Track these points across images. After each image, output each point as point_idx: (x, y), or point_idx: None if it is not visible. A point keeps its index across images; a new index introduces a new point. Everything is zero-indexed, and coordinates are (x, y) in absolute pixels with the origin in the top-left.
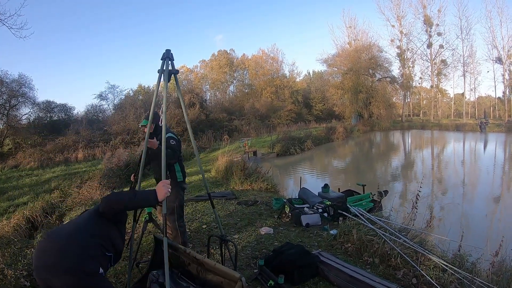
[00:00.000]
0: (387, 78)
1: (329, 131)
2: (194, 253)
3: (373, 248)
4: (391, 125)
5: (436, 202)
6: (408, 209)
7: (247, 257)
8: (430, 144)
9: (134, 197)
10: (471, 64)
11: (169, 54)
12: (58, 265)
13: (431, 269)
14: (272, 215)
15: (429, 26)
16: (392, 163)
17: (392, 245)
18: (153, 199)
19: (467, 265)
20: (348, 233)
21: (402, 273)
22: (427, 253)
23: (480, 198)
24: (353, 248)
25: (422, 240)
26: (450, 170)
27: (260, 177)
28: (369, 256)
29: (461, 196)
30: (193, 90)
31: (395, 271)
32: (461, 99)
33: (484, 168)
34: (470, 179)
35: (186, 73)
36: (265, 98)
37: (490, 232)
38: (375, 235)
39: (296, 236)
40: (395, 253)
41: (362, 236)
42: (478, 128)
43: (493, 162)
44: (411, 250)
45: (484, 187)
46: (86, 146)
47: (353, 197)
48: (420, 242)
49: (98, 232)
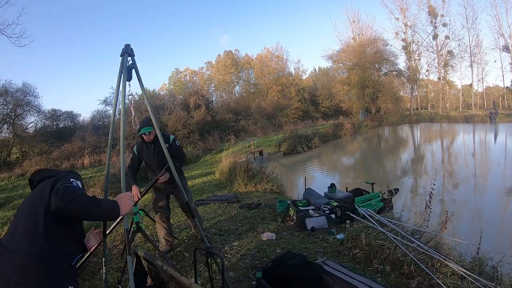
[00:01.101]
0: (393, 72)
1: (337, 127)
2: (171, 270)
3: (384, 254)
4: (399, 119)
5: (448, 198)
6: (420, 207)
7: (246, 267)
8: (440, 137)
9: (98, 204)
10: (478, 54)
11: (128, 49)
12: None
13: (449, 277)
14: (276, 219)
15: (434, 17)
16: (402, 157)
17: (404, 250)
18: (115, 212)
19: (487, 270)
20: (356, 238)
21: (416, 282)
22: (444, 258)
23: (497, 193)
24: (361, 255)
25: (437, 243)
26: (462, 163)
27: (264, 178)
28: (380, 263)
29: (474, 190)
30: (198, 92)
31: (408, 280)
32: (468, 90)
33: (500, 161)
34: (484, 172)
35: (191, 75)
36: (271, 97)
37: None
38: (386, 239)
39: (300, 242)
40: (408, 260)
41: (371, 241)
42: (488, 119)
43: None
44: (426, 256)
45: (501, 181)
46: (92, 152)
47: (361, 197)
48: (435, 246)
49: (60, 237)
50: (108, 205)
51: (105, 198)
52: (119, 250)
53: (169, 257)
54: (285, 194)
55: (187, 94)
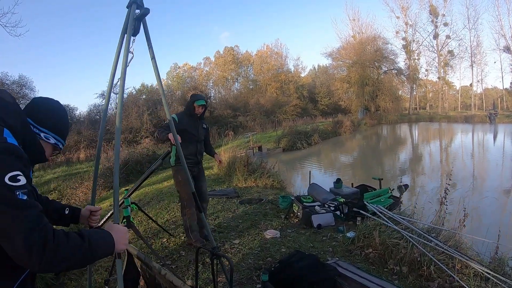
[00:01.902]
0: (393, 71)
1: (336, 125)
2: (170, 275)
3: (400, 254)
4: (398, 118)
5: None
6: (433, 206)
7: (249, 268)
8: (444, 136)
9: (89, 248)
10: (478, 55)
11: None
12: None
13: (471, 279)
14: (279, 215)
15: (435, 16)
16: (405, 155)
17: (422, 249)
18: (109, 250)
19: (506, 270)
20: (369, 236)
21: (437, 284)
22: (466, 258)
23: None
24: (375, 254)
25: (457, 242)
26: (471, 162)
27: (265, 173)
28: (396, 264)
29: (496, 189)
30: (196, 87)
31: (428, 282)
32: (467, 91)
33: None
34: (501, 171)
35: (190, 70)
36: (270, 93)
37: None
38: (401, 238)
39: (307, 240)
40: (427, 260)
41: (385, 240)
42: (488, 119)
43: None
44: (446, 256)
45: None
46: (88, 146)
47: (370, 193)
48: (455, 246)
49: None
50: (98, 243)
51: (92, 231)
52: None
53: (164, 255)
54: (286, 190)
55: (185, 89)
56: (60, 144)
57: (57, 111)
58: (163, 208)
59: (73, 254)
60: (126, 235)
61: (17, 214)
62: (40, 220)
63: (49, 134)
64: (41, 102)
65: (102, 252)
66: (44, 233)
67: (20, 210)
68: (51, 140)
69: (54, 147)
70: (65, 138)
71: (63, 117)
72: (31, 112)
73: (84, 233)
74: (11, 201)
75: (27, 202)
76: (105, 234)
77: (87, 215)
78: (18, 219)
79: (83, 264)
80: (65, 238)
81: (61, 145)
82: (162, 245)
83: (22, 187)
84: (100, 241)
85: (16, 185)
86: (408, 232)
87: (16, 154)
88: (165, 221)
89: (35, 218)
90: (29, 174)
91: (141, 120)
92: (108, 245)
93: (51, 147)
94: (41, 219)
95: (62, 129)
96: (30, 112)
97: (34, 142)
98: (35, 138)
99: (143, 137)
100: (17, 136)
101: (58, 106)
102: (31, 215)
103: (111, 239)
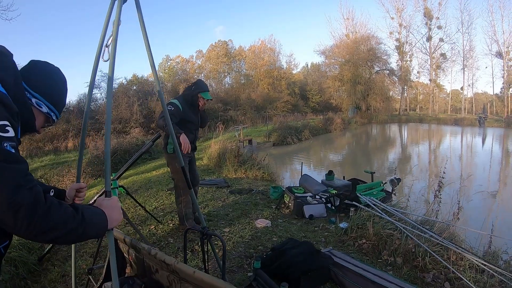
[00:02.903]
0: (385, 71)
1: (327, 122)
2: (162, 255)
3: (394, 245)
4: (388, 118)
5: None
6: (426, 198)
7: (240, 256)
8: (435, 136)
9: (81, 223)
10: (470, 59)
11: None
12: None
13: (467, 270)
14: (270, 205)
15: (429, 19)
16: (395, 154)
17: (417, 241)
18: (102, 227)
19: (500, 264)
20: (362, 227)
21: (432, 275)
22: (461, 250)
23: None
24: (369, 245)
25: (451, 234)
26: (459, 159)
27: (255, 165)
28: (390, 255)
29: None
30: (188, 79)
31: (423, 273)
32: (457, 95)
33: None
34: (493, 166)
35: (182, 63)
36: (261, 89)
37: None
38: (395, 229)
39: (299, 230)
40: (422, 251)
41: (379, 231)
42: (477, 123)
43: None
44: (440, 247)
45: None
46: (76, 135)
47: (362, 185)
48: (450, 238)
49: None
50: (92, 218)
51: (85, 206)
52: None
53: (151, 243)
54: (276, 182)
55: (176, 81)
56: (53, 115)
57: (54, 77)
58: (151, 196)
59: (65, 223)
60: (119, 209)
61: (3, 166)
62: (30, 178)
63: (42, 101)
64: (39, 64)
65: (95, 229)
66: (34, 193)
67: (6, 163)
68: (43, 109)
69: (47, 117)
70: (60, 110)
71: (60, 85)
72: (25, 73)
73: (77, 206)
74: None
75: (16, 155)
76: (98, 211)
77: (73, 194)
78: (5, 173)
79: (73, 239)
80: (58, 204)
81: (54, 116)
82: (150, 232)
83: (10, 139)
84: (93, 216)
85: (3, 136)
86: (402, 224)
87: (5, 103)
88: (153, 208)
89: (24, 175)
90: (17, 131)
91: (131, 110)
92: (101, 222)
93: (43, 117)
94: (31, 177)
95: (57, 98)
96: (24, 73)
97: (25, 106)
98: (26, 101)
99: (132, 127)
100: (8, 91)
101: (56, 72)
102: (19, 170)
103: (104, 216)
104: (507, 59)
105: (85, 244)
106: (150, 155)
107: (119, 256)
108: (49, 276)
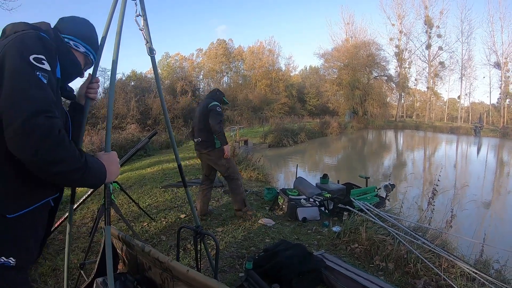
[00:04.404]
0: (383, 77)
1: (323, 125)
2: (156, 252)
3: (386, 250)
4: (385, 124)
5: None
6: (420, 205)
7: (232, 256)
8: (430, 144)
9: (84, 164)
10: (468, 68)
11: None
12: None
13: (458, 278)
14: (263, 207)
15: (430, 27)
16: (390, 160)
17: (409, 247)
18: (101, 178)
19: (491, 273)
20: (355, 231)
21: (423, 282)
22: (453, 258)
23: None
24: (361, 250)
25: (444, 242)
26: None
27: (250, 165)
28: (382, 260)
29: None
30: (186, 77)
31: (414, 279)
32: (454, 103)
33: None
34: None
35: (181, 61)
36: (259, 90)
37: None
38: (388, 234)
39: (292, 232)
40: (414, 257)
41: (372, 236)
42: (473, 132)
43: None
44: (432, 254)
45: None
46: None
47: (357, 190)
48: (442, 245)
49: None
50: (94, 165)
51: (89, 155)
52: (88, 228)
53: (144, 240)
54: (271, 184)
55: (174, 79)
56: (90, 54)
57: (82, 21)
58: (145, 193)
59: (71, 160)
60: (117, 164)
61: (31, 90)
62: (52, 109)
63: (77, 41)
64: (65, 17)
65: (94, 177)
66: (51, 122)
67: (34, 89)
68: (81, 48)
69: (86, 57)
70: (95, 50)
71: (90, 27)
72: (57, 26)
73: (82, 151)
74: (29, 77)
75: (45, 85)
76: (99, 161)
77: (83, 93)
78: (30, 96)
79: (74, 178)
80: (69, 141)
81: (91, 56)
82: (143, 229)
83: (44, 71)
84: (95, 165)
85: (39, 66)
86: (395, 229)
87: (46, 43)
88: (146, 205)
89: (47, 104)
90: (55, 69)
91: (128, 106)
92: (101, 172)
93: (82, 57)
94: (53, 108)
95: (90, 37)
96: (57, 26)
97: (68, 50)
98: (67, 46)
99: (128, 123)
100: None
101: (83, 18)
102: (44, 98)
103: (103, 168)
104: (505, 70)
105: (77, 239)
106: (146, 152)
107: (113, 252)
108: (40, 270)
